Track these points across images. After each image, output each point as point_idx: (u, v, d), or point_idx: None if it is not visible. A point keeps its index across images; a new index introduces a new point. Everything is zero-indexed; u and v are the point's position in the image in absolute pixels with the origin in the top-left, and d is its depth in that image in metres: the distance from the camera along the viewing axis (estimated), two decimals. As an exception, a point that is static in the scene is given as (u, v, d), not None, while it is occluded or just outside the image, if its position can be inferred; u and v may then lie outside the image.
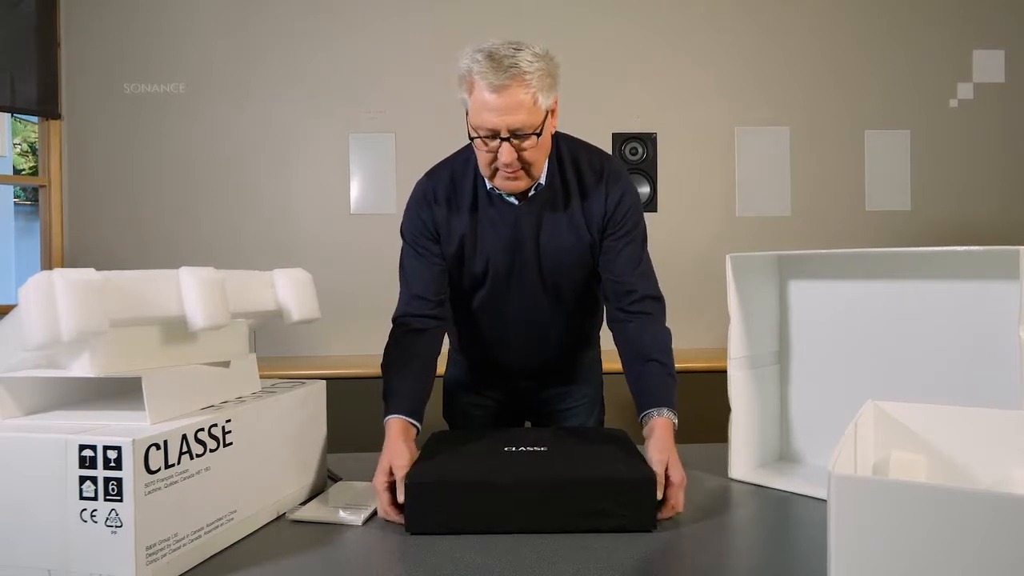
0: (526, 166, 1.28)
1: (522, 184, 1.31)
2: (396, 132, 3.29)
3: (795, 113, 3.36)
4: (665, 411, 1.27)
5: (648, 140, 3.32)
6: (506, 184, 1.30)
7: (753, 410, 1.38)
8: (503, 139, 1.23)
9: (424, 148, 1.86)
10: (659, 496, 1.09)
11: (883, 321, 1.29)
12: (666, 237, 3.22)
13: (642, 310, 1.37)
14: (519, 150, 1.25)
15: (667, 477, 1.11)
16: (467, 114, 1.27)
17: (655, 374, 1.32)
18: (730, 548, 1.04)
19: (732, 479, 1.33)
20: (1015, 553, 0.62)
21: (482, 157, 1.28)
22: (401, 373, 1.30)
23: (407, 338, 1.35)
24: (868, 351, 1.31)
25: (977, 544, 0.64)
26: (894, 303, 1.28)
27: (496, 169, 1.28)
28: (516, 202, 1.36)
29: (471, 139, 1.28)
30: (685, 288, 3.24)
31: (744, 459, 1.36)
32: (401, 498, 1.09)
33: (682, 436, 1.80)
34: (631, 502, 1.05)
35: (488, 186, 1.35)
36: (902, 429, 0.95)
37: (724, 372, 1.36)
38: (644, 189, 3.30)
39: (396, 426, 1.22)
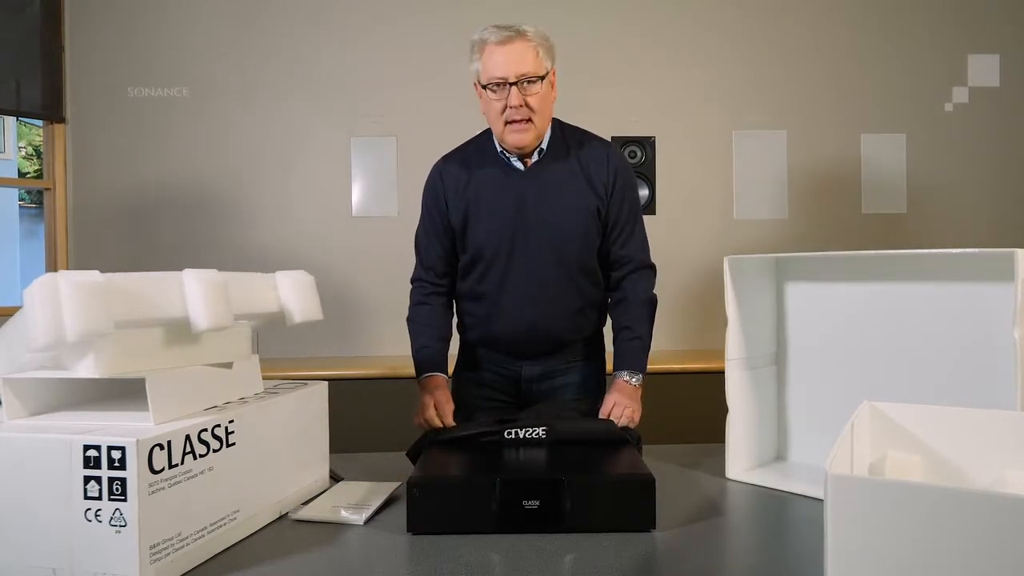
0: (532, 115, 1.44)
1: (530, 136, 1.45)
2: (397, 136, 3.30)
3: (792, 117, 3.37)
4: (624, 374, 1.51)
5: (647, 143, 3.33)
6: (515, 137, 1.45)
7: (750, 411, 1.39)
8: (511, 84, 1.41)
9: (425, 151, 1.87)
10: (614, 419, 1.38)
11: (879, 323, 1.30)
12: (664, 239, 3.22)
13: (629, 274, 1.58)
14: (526, 95, 1.42)
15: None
16: (477, 85, 1.46)
17: (623, 341, 1.56)
18: (728, 548, 1.04)
19: (729, 479, 1.34)
20: (1010, 553, 0.63)
21: (493, 107, 1.44)
22: (426, 335, 1.57)
23: (426, 303, 1.60)
24: (864, 352, 1.32)
25: (972, 544, 0.64)
26: (890, 305, 1.29)
27: (507, 122, 1.43)
28: (522, 167, 1.50)
29: (485, 90, 1.44)
30: (683, 290, 3.25)
31: (741, 459, 1.36)
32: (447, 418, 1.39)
33: (680, 436, 1.82)
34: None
35: (498, 149, 1.50)
36: (898, 429, 0.96)
37: (721, 373, 1.37)
38: (643, 192, 3.30)
39: (439, 381, 1.51)
